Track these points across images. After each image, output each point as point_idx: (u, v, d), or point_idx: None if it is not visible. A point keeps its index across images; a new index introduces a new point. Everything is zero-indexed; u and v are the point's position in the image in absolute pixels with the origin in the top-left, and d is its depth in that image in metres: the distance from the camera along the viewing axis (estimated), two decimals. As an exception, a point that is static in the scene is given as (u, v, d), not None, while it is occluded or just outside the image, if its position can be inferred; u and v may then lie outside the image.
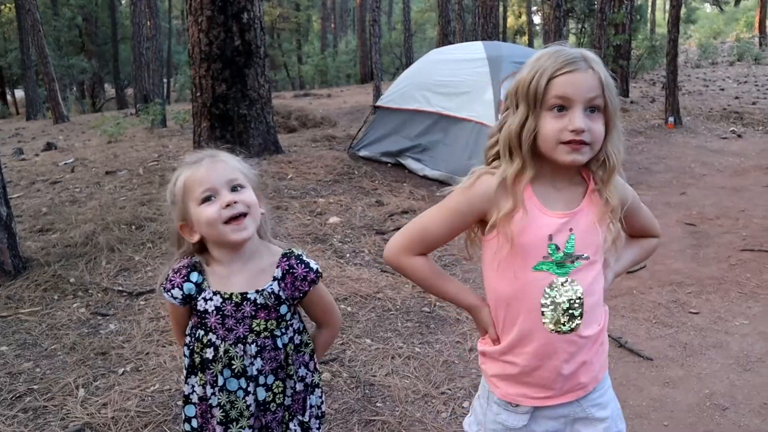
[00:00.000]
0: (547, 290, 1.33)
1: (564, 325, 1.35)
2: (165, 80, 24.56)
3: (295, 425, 1.58)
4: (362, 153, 7.51)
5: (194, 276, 1.47)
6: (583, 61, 1.28)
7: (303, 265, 1.51)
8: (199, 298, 1.47)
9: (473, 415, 1.55)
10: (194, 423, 1.53)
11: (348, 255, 4.41)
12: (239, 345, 1.48)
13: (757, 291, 3.81)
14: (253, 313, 1.47)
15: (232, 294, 1.47)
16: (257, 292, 1.47)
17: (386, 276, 4.03)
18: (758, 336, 3.26)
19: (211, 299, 1.47)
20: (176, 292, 1.47)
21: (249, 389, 1.49)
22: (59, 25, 25.60)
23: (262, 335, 1.49)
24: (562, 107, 1.27)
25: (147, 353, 3.05)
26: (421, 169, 6.84)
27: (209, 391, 1.49)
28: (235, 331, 1.47)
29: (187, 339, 1.54)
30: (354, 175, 6.61)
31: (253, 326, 1.48)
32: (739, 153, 8.23)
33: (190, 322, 1.54)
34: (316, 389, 1.62)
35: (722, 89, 15.32)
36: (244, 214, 1.43)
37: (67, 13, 26.10)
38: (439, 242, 1.45)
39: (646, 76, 19.55)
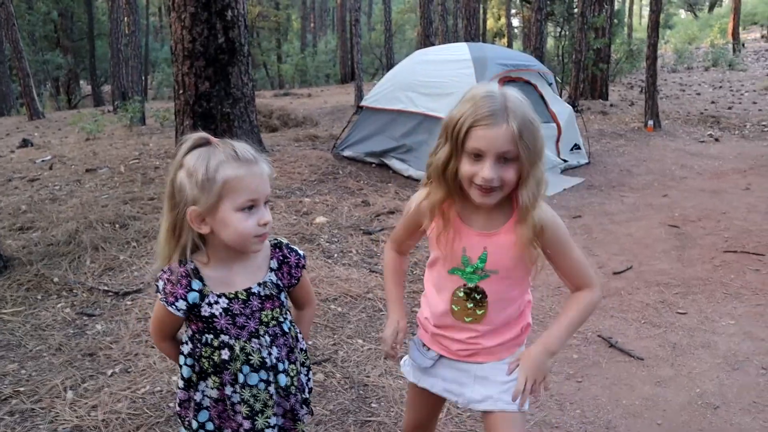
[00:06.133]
0: (457, 291, 1.60)
1: (467, 318, 1.61)
2: (143, 77, 24.21)
3: (304, 404, 1.65)
4: (346, 153, 7.49)
5: (196, 284, 1.45)
6: (503, 113, 1.39)
7: (294, 254, 1.59)
8: (202, 305, 1.45)
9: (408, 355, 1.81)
10: (210, 426, 1.52)
11: (336, 255, 4.38)
12: (253, 340, 1.49)
13: (742, 292, 3.87)
14: (261, 306, 1.50)
15: (237, 292, 1.47)
16: (259, 284, 1.50)
17: (375, 276, 4.01)
18: (744, 336, 3.31)
19: (216, 302, 1.46)
20: (181, 304, 1.44)
21: (270, 379, 1.51)
22: (33, 20, 25.08)
23: (271, 324, 1.52)
24: (478, 155, 1.42)
25: (136, 354, 2.99)
26: (405, 170, 6.84)
27: (229, 390, 1.48)
28: (247, 327, 1.48)
29: (188, 347, 1.50)
30: (339, 175, 6.59)
31: (263, 318, 1.50)
32: (718, 156, 8.37)
33: (190, 329, 1.51)
34: (302, 368, 1.66)
35: (698, 93, 15.57)
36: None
37: (41, 8, 25.61)
38: (406, 242, 1.76)
39: (623, 80, 19.83)
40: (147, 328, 3.24)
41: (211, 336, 1.47)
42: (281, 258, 1.55)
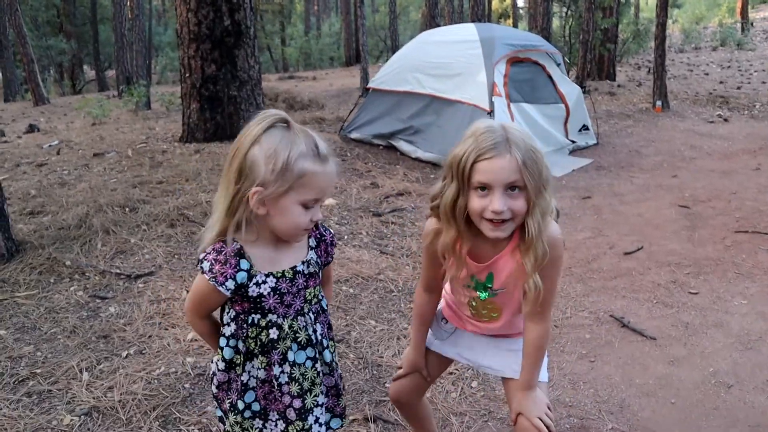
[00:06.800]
0: (471, 301, 1.72)
1: (483, 318, 1.75)
2: (147, 62, 24.12)
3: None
4: (353, 135, 7.47)
5: (244, 264, 1.42)
6: (504, 145, 1.41)
7: (328, 232, 1.61)
8: (250, 285, 1.44)
9: None
10: (256, 407, 1.52)
11: (346, 237, 4.38)
12: (299, 318, 1.51)
13: (754, 271, 3.86)
14: (305, 284, 1.51)
15: (284, 271, 1.48)
16: (303, 263, 1.51)
17: (386, 257, 4.02)
18: (757, 315, 3.30)
19: (264, 282, 1.45)
20: (230, 284, 1.41)
21: (316, 356, 1.54)
22: (36, 5, 24.99)
23: (314, 302, 1.55)
24: (485, 188, 1.44)
25: (150, 336, 3.01)
26: (413, 151, 6.82)
27: (277, 370, 1.49)
28: (293, 305, 1.50)
29: (230, 328, 1.49)
30: (347, 157, 6.57)
31: (307, 296, 1.52)
32: (727, 137, 8.30)
33: (233, 310, 1.49)
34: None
35: (707, 74, 15.43)
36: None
37: (44, -8, 25.51)
38: (435, 279, 1.75)
39: (630, 60, 19.65)
40: (160, 310, 3.25)
41: (258, 316, 1.47)
42: (318, 236, 1.57)
